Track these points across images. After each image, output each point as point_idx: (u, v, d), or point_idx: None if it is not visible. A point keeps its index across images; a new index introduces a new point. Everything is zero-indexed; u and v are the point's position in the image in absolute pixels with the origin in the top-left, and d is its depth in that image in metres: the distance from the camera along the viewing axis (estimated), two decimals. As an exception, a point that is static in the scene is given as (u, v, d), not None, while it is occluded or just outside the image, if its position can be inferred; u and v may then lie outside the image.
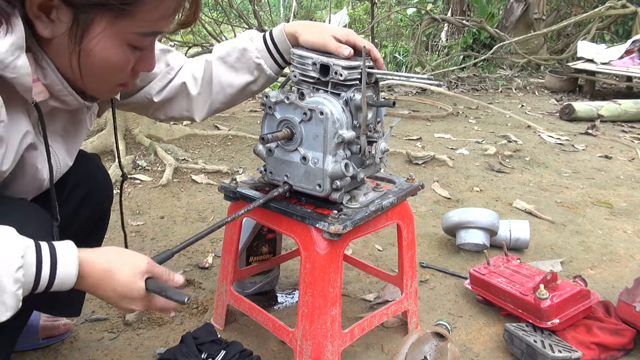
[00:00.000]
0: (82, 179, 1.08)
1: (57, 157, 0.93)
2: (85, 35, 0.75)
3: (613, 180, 2.77)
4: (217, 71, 1.11)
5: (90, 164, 1.13)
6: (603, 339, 1.29)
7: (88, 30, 0.75)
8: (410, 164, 2.86)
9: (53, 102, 0.83)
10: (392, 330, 1.39)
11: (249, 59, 1.10)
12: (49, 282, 0.73)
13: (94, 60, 0.78)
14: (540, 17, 6.97)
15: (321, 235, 1.05)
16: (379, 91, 1.13)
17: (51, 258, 0.73)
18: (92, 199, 1.11)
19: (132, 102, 1.12)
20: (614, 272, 1.76)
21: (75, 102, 0.85)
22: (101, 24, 0.75)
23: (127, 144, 2.81)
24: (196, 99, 1.14)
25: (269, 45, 1.10)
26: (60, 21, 0.73)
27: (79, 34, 0.75)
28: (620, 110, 4.20)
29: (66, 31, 0.74)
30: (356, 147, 1.07)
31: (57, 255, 0.74)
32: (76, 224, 1.08)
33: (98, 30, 0.75)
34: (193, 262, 1.71)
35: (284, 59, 1.12)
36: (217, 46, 1.14)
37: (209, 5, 6.99)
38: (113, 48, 0.78)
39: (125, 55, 0.80)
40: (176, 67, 1.13)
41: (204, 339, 1.16)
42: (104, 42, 0.77)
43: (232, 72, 1.11)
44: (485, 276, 1.48)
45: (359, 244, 1.89)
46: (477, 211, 1.81)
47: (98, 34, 0.75)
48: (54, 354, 1.25)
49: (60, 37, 0.75)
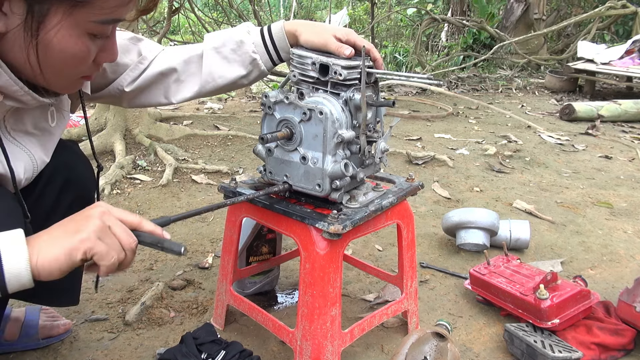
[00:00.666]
0: (60, 169, 1.05)
1: (32, 155, 0.91)
2: (42, 27, 0.72)
3: (613, 181, 2.76)
4: (210, 61, 1.09)
5: (67, 152, 1.09)
6: (603, 339, 1.29)
7: (44, 21, 0.71)
8: (410, 164, 2.86)
9: (9, 102, 0.80)
10: (392, 331, 1.39)
11: (245, 53, 1.09)
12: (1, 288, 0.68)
13: (52, 52, 0.75)
14: (540, 17, 6.97)
15: (321, 235, 1.05)
16: (378, 91, 1.13)
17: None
18: (71, 188, 1.08)
19: (104, 96, 1.09)
20: (614, 273, 1.76)
21: (33, 101, 0.82)
22: (57, 15, 0.71)
23: (127, 144, 2.81)
24: (176, 85, 1.11)
25: (266, 41, 1.09)
26: (13, 13, 0.70)
27: (34, 26, 0.71)
28: (620, 111, 4.20)
29: (20, 24, 0.71)
30: (356, 146, 1.07)
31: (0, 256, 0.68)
32: (58, 214, 1.05)
33: (55, 21, 0.72)
34: (193, 262, 1.71)
35: (280, 57, 1.11)
36: (210, 35, 1.11)
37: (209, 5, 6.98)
38: (72, 38, 0.74)
39: (86, 46, 0.77)
40: (149, 56, 1.09)
41: (203, 339, 1.16)
42: (62, 33, 0.73)
43: (225, 64, 1.09)
44: (485, 276, 1.48)
45: (359, 244, 1.89)
46: (477, 211, 1.81)
47: (55, 25, 0.72)
48: (53, 354, 1.25)
49: (14, 31, 0.71)
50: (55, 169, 1.03)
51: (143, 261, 1.70)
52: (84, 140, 2.78)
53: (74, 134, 2.90)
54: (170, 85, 1.12)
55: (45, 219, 1.00)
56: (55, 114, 0.95)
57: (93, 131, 2.91)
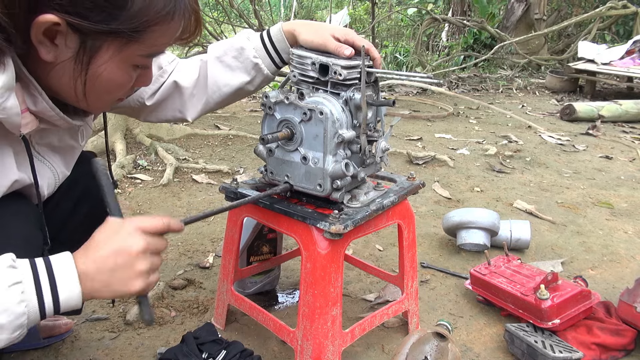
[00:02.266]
0: (78, 180, 1.07)
1: (55, 170, 0.92)
2: (93, 62, 0.74)
3: (614, 181, 2.76)
4: (214, 71, 1.10)
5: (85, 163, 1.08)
6: (604, 339, 1.29)
7: (95, 56, 0.74)
8: (411, 164, 2.86)
9: (43, 126, 0.82)
10: (393, 331, 1.39)
11: (247, 59, 1.09)
12: (55, 309, 0.70)
13: (100, 83, 0.77)
14: (541, 17, 6.96)
15: (322, 235, 1.05)
16: (378, 90, 1.13)
17: (51, 286, 0.69)
18: (89, 199, 1.09)
19: (123, 107, 1.11)
20: (615, 273, 1.76)
21: (66, 124, 0.84)
22: (109, 50, 0.74)
23: (128, 144, 2.81)
24: (189, 99, 1.13)
25: (266, 44, 1.09)
26: (66, 47, 0.72)
27: (85, 60, 0.73)
28: (621, 111, 4.19)
29: (72, 57, 0.73)
30: (356, 146, 1.07)
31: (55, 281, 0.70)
32: (74, 224, 1.07)
33: (106, 56, 0.74)
34: (194, 261, 1.71)
35: (282, 59, 1.11)
36: (213, 45, 1.13)
37: (210, 5, 6.98)
38: (119, 71, 0.77)
39: (130, 76, 0.80)
40: (169, 69, 1.11)
41: (204, 339, 1.16)
42: (112, 66, 0.76)
43: (229, 72, 1.10)
44: (485, 276, 1.48)
45: (360, 244, 1.89)
46: (477, 211, 1.81)
47: (106, 60, 0.75)
48: (54, 353, 1.25)
49: (65, 62, 0.73)
50: (72, 180, 1.05)
51: (144, 261, 1.70)
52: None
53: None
54: (185, 101, 1.13)
55: (60, 229, 1.01)
56: (84, 132, 0.98)
57: (94, 131, 2.91)
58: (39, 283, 0.69)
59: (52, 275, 0.70)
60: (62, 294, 0.70)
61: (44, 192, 0.91)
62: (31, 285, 0.68)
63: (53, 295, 0.69)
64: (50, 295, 0.69)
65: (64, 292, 0.70)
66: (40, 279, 0.69)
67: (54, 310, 0.70)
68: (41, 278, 0.69)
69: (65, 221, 1.06)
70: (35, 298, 0.68)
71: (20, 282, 0.67)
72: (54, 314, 0.71)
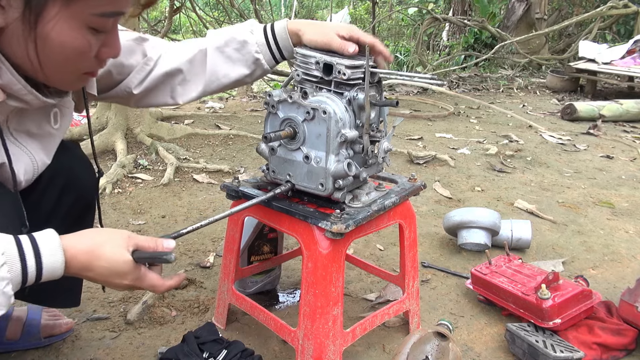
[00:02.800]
0: (60, 170, 1.04)
1: (34, 157, 0.90)
2: (40, 20, 0.71)
3: (615, 181, 2.76)
4: (213, 60, 1.09)
5: (68, 154, 1.09)
6: (605, 339, 1.29)
7: (42, 13, 0.71)
8: (412, 164, 2.86)
9: (13, 103, 0.80)
10: (394, 330, 1.39)
11: (248, 53, 1.09)
12: (37, 273, 0.72)
13: (52, 46, 0.74)
14: (541, 16, 6.96)
15: (323, 235, 1.04)
16: (381, 90, 1.13)
17: (34, 249, 0.72)
18: (72, 189, 1.08)
19: (111, 96, 1.10)
20: (616, 272, 1.76)
21: (36, 100, 0.82)
22: (55, 6, 0.71)
23: (129, 143, 2.81)
24: (182, 85, 1.11)
25: (269, 40, 1.09)
26: (11, 6, 0.69)
27: (32, 19, 0.71)
28: (621, 110, 4.19)
29: (19, 17, 0.70)
30: (359, 146, 1.07)
31: (38, 245, 0.72)
32: (58, 215, 1.06)
33: (52, 12, 0.71)
34: (194, 261, 1.71)
35: (282, 55, 1.11)
36: (214, 33, 1.11)
37: (210, 4, 6.98)
38: (71, 32, 0.74)
39: (86, 39, 0.76)
40: (154, 56, 1.09)
41: (205, 338, 1.16)
42: (61, 26, 0.73)
43: (229, 64, 1.09)
44: (486, 276, 1.48)
45: (360, 244, 1.88)
46: (478, 211, 1.81)
47: (53, 17, 0.71)
48: (55, 353, 1.25)
49: (13, 25, 0.71)
50: (55, 171, 1.03)
51: (145, 260, 1.70)
52: (85, 140, 2.78)
53: (75, 133, 2.90)
54: (176, 86, 1.12)
55: (45, 221, 0.99)
56: (58, 115, 0.94)
57: (94, 130, 2.91)
58: (22, 249, 0.71)
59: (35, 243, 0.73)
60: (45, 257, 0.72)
61: (21, 178, 0.89)
62: (14, 246, 0.70)
63: (36, 257, 0.71)
64: (33, 258, 0.71)
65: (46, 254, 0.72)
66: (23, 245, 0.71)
67: (37, 272, 0.72)
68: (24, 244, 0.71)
69: (49, 212, 1.05)
70: (17, 254, 0.70)
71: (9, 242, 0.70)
72: (36, 278, 0.72)
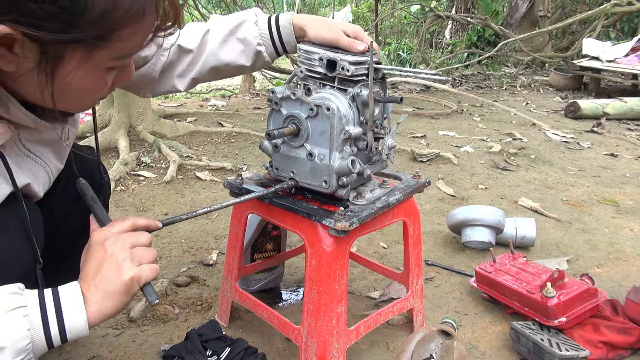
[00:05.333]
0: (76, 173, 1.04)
1: (48, 166, 0.90)
2: (57, 71, 0.67)
3: (619, 179, 2.75)
4: (215, 49, 1.09)
5: (83, 157, 1.09)
6: (611, 337, 1.28)
7: (59, 65, 0.67)
8: (415, 162, 2.85)
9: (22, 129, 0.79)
10: (398, 328, 1.38)
11: (250, 45, 1.09)
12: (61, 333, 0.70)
13: (69, 91, 0.71)
14: (545, 14, 6.94)
15: (327, 232, 1.04)
16: (385, 87, 1.12)
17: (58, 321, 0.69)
18: None
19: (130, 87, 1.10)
20: (621, 271, 1.75)
21: (45, 127, 0.81)
22: (75, 58, 0.67)
23: (131, 141, 2.81)
24: (186, 74, 1.11)
25: (272, 32, 1.09)
26: (25, 57, 0.65)
27: (49, 70, 0.67)
28: (625, 108, 4.17)
29: (34, 67, 0.66)
30: (363, 143, 1.06)
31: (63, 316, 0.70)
32: (75, 218, 1.06)
33: (72, 64, 0.68)
34: (197, 258, 1.71)
35: (285, 48, 1.11)
36: (216, 21, 1.10)
37: (213, 2, 6.98)
38: (90, 77, 0.71)
39: (104, 80, 0.74)
40: (168, 45, 1.07)
41: (208, 336, 1.16)
42: (81, 74, 0.69)
43: (231, 54, 1.09)
44: (491, 274, 1.47)
45: (364, 242, 1.88)
46: (482, 209, 1.80)
47: (73, 69, 0.68)
48: (58, 350, 1.24)
49: (27, 73, 0.67)
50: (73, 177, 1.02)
51: (147, 258, 1.70)
52: (87, 137, 2.78)
53: (78, 131, 2.90)
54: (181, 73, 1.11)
55: (57, 229, 1.00)
56: (69, 130, 0.94)
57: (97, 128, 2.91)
58: (45, 308, 0.69)
59: (57, 300, 0.70)
60: (68, 319, 0.70)
61: (40, 194, 0.88)
62: (36, 310, 0.68)
63: (59, 321, 0.69)
64: (55, 323, 0.69)
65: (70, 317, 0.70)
66: (46, 305, 0.69)
67: (61, 336, 0.70)
68: (47, 304, 0.69)
69: (63, 220, 1.05)
70: (41, 324, 0.68)
71: (24, 306, 0.67)
72: (60, 339, 0.70)
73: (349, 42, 1.03)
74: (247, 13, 1.11)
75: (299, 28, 1.07)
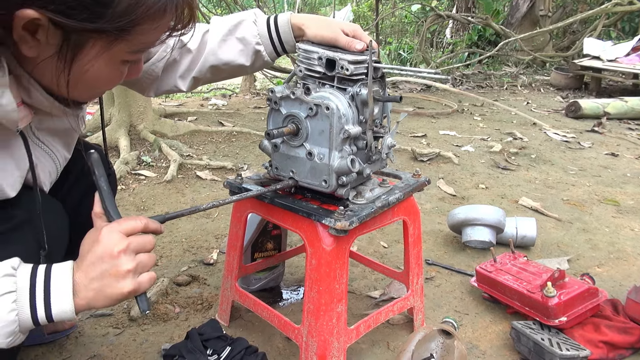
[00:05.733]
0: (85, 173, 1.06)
1: (55, 155, 0.91)
2: (77, 59, 0.70)
3: (620, 178, 2.74)
4: (215, 49, 1.09)
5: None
6: (611, 337, 1.28)
7: (79, 53, 0.69)
8: (415, 161, 2.85)
9: (40, 115, 0.81)
10: (398, 328, 1.38)
11: (249, 44, 1.09)
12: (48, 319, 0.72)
13: (85, 79, 0.73)
14: (546, 14, 6.93)
15: (327, 232, 1.04)
16: (385, 86, 1.12)
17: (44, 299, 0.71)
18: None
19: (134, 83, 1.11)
20: (622, 270, 1.75)
21: (62, 112, 0.83)
22: (95, 48, 0.70)
23: (132, 140, 2.81)
24: (188, 74, 1.11)
25: (271, 32, 1.09)
26: (48, 43, 0.67)
27: (69, 57, 0.69)
28: (626, 108, 4.17)
29: (55, 53, 0.68)
30: (362, 142, 1.06)
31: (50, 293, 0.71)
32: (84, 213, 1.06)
33: (92, 54, 0.70)
34: (198, 258, 1.71)
35: (284, 48, 1.11)
36: (217, 22, 1.11)
37: (213, 1, 6.98)
38: (107, 68, 0.74)
39: (119, 72, 0.77)
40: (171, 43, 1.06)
41: (209, 335, 1.16)
42: (99, 64, 0.72)
43: (231, 53, 1.09)
44: (491, 273, 1.47)
45: (364, 241, 1.88)
46: (483, 208, 1.80)
47: (92, 58, 0.71)
48: (59, 349, 1.25)
49: (47, 59, 0.69)
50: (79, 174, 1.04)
51: (148, 257, 1.70)
52: (89, 136, 2.78)
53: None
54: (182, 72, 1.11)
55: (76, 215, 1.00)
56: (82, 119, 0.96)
57: (97, 127, 2.91)
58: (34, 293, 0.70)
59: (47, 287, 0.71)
60: (55, 306, 0.71)
61: (47, 186, 0.89)
62: (26, 295, 0.70)
63: (46, 307, 0.71)
64: (43, 308, 0.71)
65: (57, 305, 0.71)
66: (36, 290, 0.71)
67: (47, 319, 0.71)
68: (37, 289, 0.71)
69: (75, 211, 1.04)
70: (28, 308, 0.70)
71: (13, 291, 0.69)
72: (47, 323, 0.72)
73: (348, 41, 1.03)
74: (247, 13, 1.11)
75: (298, 27, 1.08)
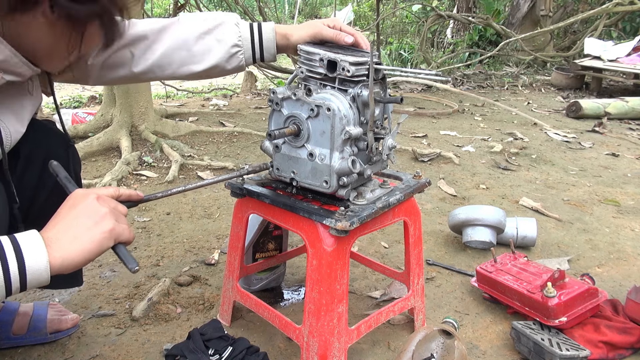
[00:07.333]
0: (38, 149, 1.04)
1: (8, 129, 0.90)
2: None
3: (620, 178, 2.75)
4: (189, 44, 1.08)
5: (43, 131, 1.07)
6: (611, 337, 1.28)
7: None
8: (416, 161, 2.86)
9: (8, 77, 0.81)
10: (399, 328, 1.39)
11: (227, 45, 1.09)
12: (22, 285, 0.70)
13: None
14: (546, 13, 6.93)
15: (328, 232, 1.04)
16: (386, 87, 1.12)
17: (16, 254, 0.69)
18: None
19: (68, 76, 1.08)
20: (622, 271, 1.75)
21: (29, 71, 0.83)
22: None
23: (133, 140, 2.82)
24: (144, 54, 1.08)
25: (254, 38, 1.10)
26: None
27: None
28: (627, 108, 4.17)
29: None
30: (363, 143, 1.07)
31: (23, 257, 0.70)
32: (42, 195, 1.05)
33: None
34: (199, 258, 1.72)
35: (262, 55, 1.12)
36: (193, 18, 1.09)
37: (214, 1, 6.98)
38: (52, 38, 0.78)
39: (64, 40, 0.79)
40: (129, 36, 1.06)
41: (210, 335, 1.16)
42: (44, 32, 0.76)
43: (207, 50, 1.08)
44: (492, 274, 1.47)
45: (365, 241, 1.88)
46: (483, 208, 1.80)
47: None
48: (61, 349, 1.25)
49: None
50: (32, 150, 1.02)
51: (150, 257, 1.71)
52: (89, 137, 2.79)
53: (80, 130, 2.91)
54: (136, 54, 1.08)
55: (32, 200, 1.00)
56: (34, 86, 0.94)
57: (99, 127, 2.92)
58: (3, 250, 0.68)
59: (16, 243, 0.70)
60: (28, 259, 0.69)
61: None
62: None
63: (18, 260, 0.69)
64: (15, 262, 0.68)
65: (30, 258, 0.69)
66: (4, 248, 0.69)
67: (20, 280, 0.69)
68: (5, 247, 0.69)
69: (34, 193, 1.04)
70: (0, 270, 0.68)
71: None
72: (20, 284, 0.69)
73: (335, 34, 1.06)
74: (227, 15, 1.10)
75: (282, 36, 1.10)
